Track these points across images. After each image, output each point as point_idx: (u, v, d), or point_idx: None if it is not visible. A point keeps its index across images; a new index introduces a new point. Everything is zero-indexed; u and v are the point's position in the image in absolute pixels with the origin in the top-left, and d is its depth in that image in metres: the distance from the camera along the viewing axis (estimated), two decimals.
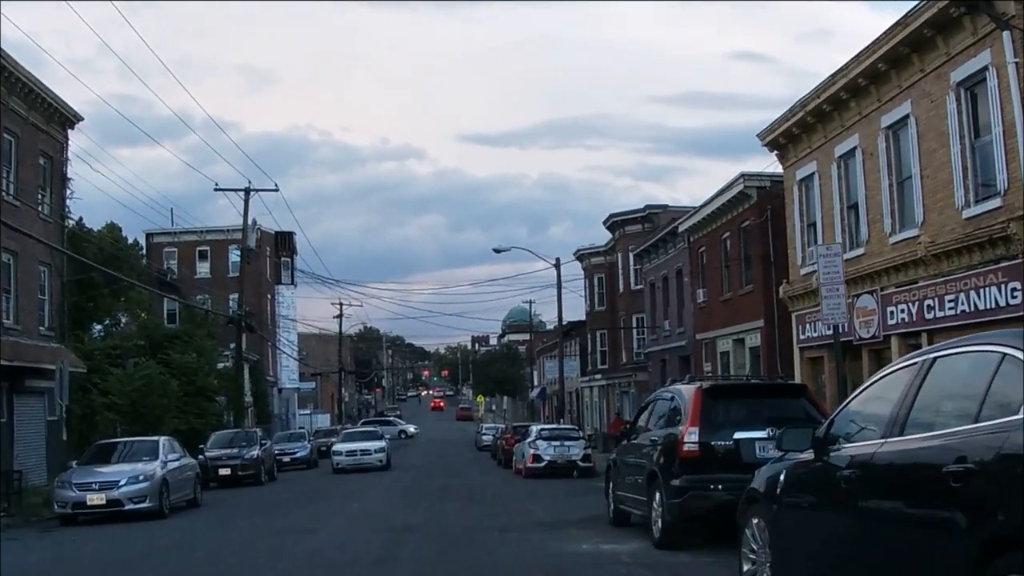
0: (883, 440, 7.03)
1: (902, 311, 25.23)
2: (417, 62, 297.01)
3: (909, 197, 25.10)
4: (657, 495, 14.98)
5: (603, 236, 72.00)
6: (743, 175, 37.37)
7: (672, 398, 15.90)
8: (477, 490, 31.18)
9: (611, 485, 18.75)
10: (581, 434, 41.57)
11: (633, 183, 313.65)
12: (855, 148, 28.07)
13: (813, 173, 31.22)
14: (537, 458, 37.25)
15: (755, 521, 9.33)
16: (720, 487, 13.96)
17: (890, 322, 25.89)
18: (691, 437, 14.32)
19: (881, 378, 7.95)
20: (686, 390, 15.45)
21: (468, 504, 25.62)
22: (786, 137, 32.43)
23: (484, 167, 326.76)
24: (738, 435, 14.25)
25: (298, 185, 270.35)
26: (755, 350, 38.10)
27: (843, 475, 7.35)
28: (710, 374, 38.08)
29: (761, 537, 9.11)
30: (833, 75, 28.03)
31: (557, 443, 37.65)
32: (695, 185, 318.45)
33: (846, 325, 23.38)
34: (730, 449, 14.24)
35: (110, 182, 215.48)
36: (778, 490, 8.72)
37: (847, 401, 8.44)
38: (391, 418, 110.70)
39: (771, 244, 35.99)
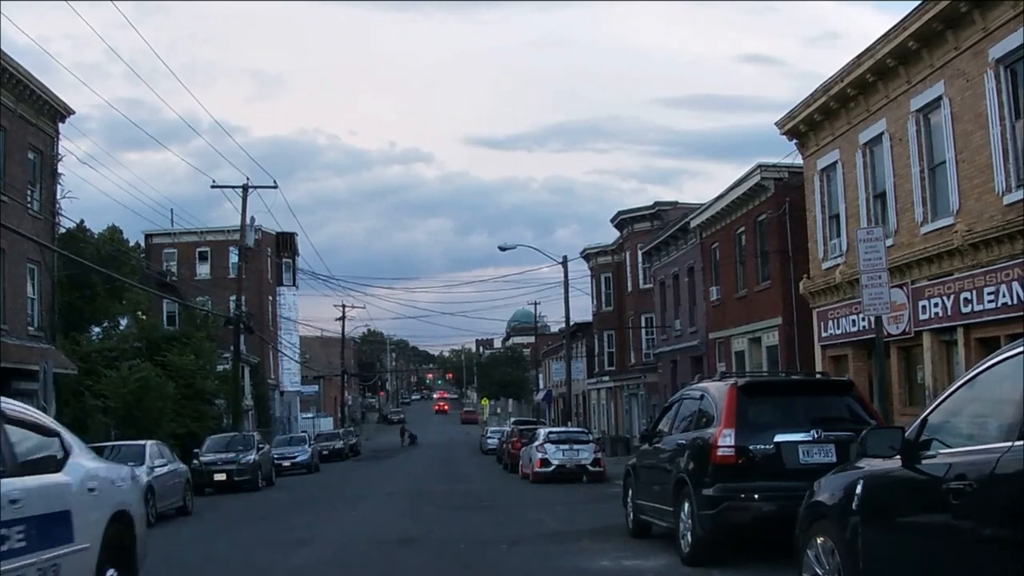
0: (1008, 445, 5.51)
1: (935, 305, 23.77)
2: (425, 66, 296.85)
3: (942, 184, 23.66)
4: (686, 505, 13.40)
5: (609, 239, 70.93)
6: (760, 166, 35.94)
7: (701, 397, 14.26)
8: (483, 497, 29.59)
9: (630, 493, 17.12)
10: (591, 437, 39.99)
11: (640, 186, 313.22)
12: (882, 134, 26.63)
13: (836, 162, 29.78)
14: (545, 462, 35.79)
15: (820, 541, 7.84)
16: (759, 497, 12.43)
17: (922, 317, 24.43)
18: (726, 440, 12.70)
19: (983, 371, 6.42)
20: (717, 388, 13.86)
21: (473, 512, 24.02)
22: (807, 124, 30.96)
23: (491, 170, 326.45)
24: (779, 438, 12.65)
25: (305, 189, 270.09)
26: (772, 349, 36.67)
27: (950, 487, 5.85)
28: (728, 372, 36.54)
29: (829, 561, 7.62)
30: (859, 56, 26.56)
31: (566, 447, 36.14)
32: (702, 188, 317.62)
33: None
34: (770, 454, 12.64)
35: (116, 186, 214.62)
36: (854, 504, 7.20)
37: (940, 399, 6.89)
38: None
39: (789, 238, 34.67)
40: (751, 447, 12.67)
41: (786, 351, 34.95)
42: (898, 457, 6.81)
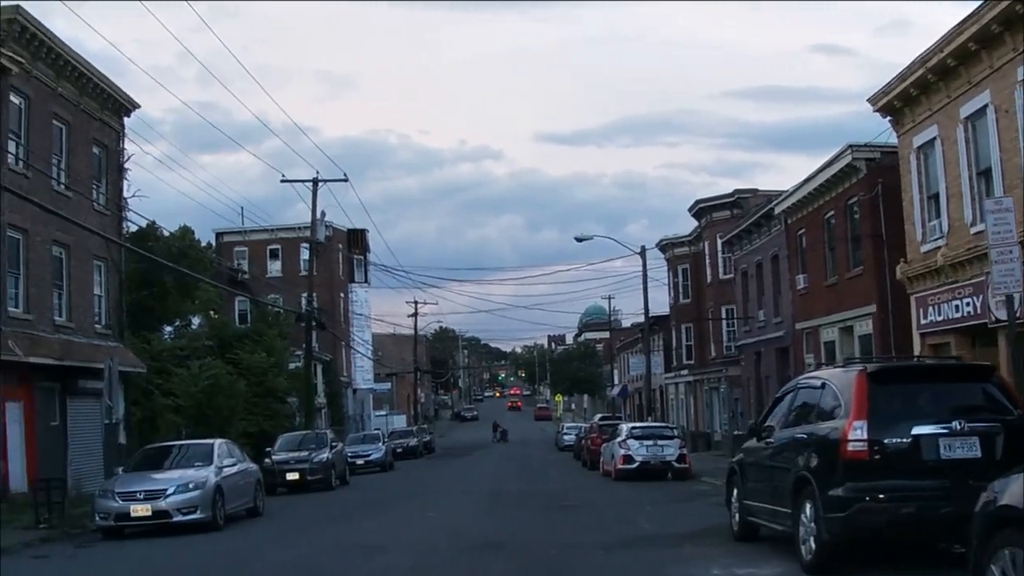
0: None
1: None
2: (494, 63, 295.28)
3: None
4: (808, 507, 11.91)
5: (681, 232, 69.56)
6: (851, 146, 34.18)
7: (822, 386, 12.73)
8: (565, 496, 28.17)
9: (735, 492, 15.59)
10: (676, 432, 38.50)
11: (710, 179, 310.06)
12: (986, 106, 24.77)
13: (934, 138, 27.95)
14: (628, 459, 34.37)
15: (1008, 553, 6.42)
16: (896, 497, 10.95)
17: None
18: (857, 434, 11.18)
19: None
20: (842, 375, 12.35)
21: (558, 513, 22.64)
22: (902, 100, 29.14)
23: (561, 166, 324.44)
24: (917, 430, 11.14)
25: (377, 188, 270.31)
26: (865, 338, 34.90)
27: None
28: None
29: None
30: (960, 24, 24.78)
31: (650, 443, 34.69)
32: (774, 180, 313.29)
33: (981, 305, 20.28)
34: (906, 448, 11.14)
35: (190, 186, 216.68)
36: None
37: None
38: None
39: (883, 221, 32.86)
40: (885, 441, 11.18)
41: (881, 340, 33.20)
42: None
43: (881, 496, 11.00)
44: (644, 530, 18.21)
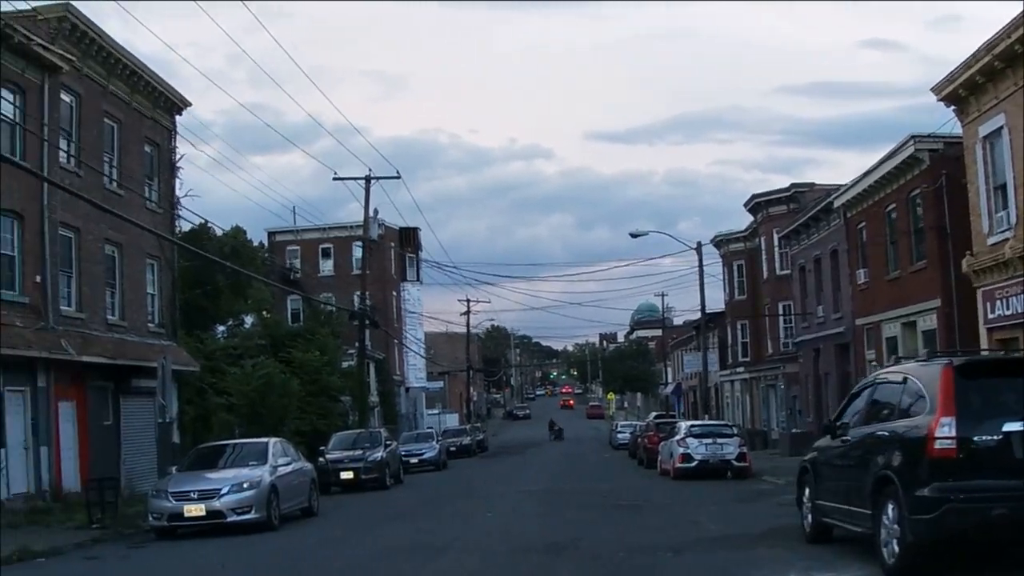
0: None
1: None
2: (544, 62, 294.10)
3: None
4: (890, 507, 11.28)
5: (735, 228, 68.87)
6: (913, 137, 33.36)
7: (904, 380, 12.09)
8: (624, 495, 27.59)
9: (807, 492, 14.97)
10: (735, 431, 37.82)
11: (762, 176, 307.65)
12: None
13: (1001, 127, 27.14)
14: (687, 457, 33.75)
15: None
16: (988, 497, 10.34)
17: None
18: (944, 431, 10.54)
19: None
20: (926, 370, 11.72)
21: (619, 513, 22.08)
22: (967, 88, 28.34)
23: (611, 164, 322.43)
24: (1008, 427, 10.47)
25: (427, 188, 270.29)
26: (929, 333, 34.08)
27: None
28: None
29: None
30: None
31: (709, 441, 34.05)
32: (825, 176, 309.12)
33: None
34: (997, 446, 10.51)
35: (245, 188, 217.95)
36: None
37: None
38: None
39: (947, 213, 32.07)
40: (974, 438, 10.55)
41: (946, 335, 32.37)
42: None
43: (971, 497, 10.38)
44: (710, 531, 17.61)
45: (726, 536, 16.47)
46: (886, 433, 11.89)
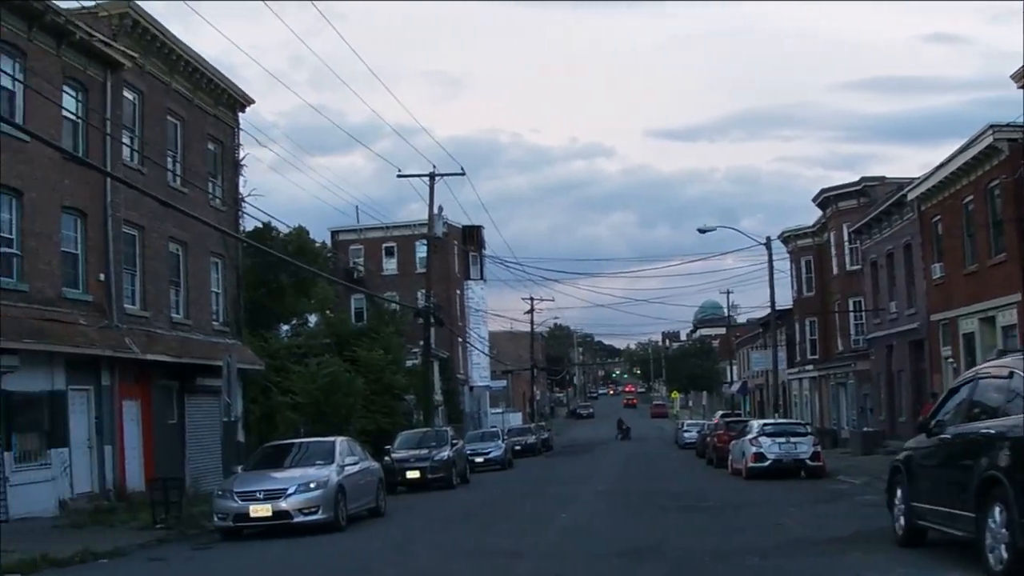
0: None
1: None
2: (605, 60, 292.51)
3: None
4: (997, 510, 10.55)
5: (800, 224, 67.68)
6: (991, 126, 32.33)
7: (1010, 375, 11.34)
8: (698, 495, 26.77)
9: (900, 493, 14.19)
10: (809, 429, 36.91)
11: (824, 172, 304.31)
12: None
13: None
14: (760, 457, 32.88)
15: None
16: None
17: None
18: None
19: None
20: None
21: (696, 514, 21.34)
22: None
23: (673, 162, 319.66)
24: None
25: (488, 187, 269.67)
26: (1009, 328, 33.06)
27: None
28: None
29: None
30: None
31: (782, 440, 33.15)
32: (889, 171, 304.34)
33: None
34: None
35: (307, 188, 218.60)
36: None
37: None
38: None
39: None
40: None
41: None
42: None
43: None
44: (795, 533, 16.82)
45: (812, 539, 15.68)
46: (992, 431, 11.12)
